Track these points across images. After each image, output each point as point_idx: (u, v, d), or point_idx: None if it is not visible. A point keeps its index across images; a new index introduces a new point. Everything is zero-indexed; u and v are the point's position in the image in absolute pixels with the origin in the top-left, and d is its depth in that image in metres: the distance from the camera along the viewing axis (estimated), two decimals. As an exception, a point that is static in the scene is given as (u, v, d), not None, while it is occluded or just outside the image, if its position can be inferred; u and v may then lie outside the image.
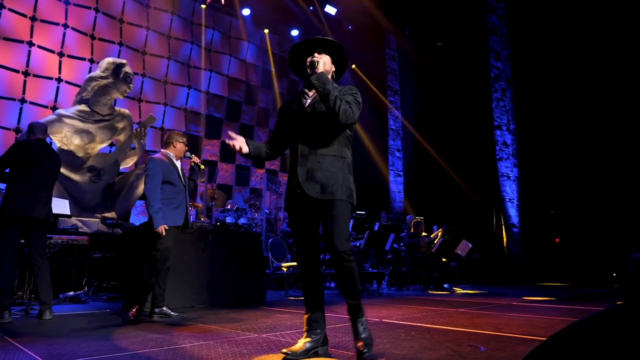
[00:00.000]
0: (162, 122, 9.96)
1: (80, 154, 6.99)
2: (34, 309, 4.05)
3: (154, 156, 3.98)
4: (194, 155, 4.21)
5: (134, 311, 3.68)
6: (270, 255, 6.53)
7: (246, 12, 11.09)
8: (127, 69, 7.13)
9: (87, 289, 5.51)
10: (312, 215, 2.34)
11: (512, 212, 10.35)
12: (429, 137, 12.12)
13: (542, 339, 2.81)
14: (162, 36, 10.12)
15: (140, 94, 9.64)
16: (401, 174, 12.78)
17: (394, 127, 12.95)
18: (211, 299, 4.84)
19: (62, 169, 4.54)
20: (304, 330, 2.38)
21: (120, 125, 7.40)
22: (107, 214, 6.83)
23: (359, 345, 2.23)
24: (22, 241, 3.83)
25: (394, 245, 7.59)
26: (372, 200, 11.09)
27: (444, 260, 7.86)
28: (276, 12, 11.41)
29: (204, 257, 4.90)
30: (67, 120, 6.81)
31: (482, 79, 11.02)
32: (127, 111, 7.67)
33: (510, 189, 10.44)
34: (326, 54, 2.48)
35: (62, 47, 8.51)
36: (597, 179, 9.10)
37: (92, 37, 8.95)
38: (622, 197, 8.66)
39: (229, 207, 8.83)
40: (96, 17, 9.04)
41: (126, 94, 7.40)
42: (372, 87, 12.76)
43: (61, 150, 6.84)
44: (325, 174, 2.31)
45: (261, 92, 11.99)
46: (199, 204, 7.88)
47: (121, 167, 7.72)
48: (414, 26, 12.21)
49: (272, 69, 12.10)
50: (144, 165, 8.03)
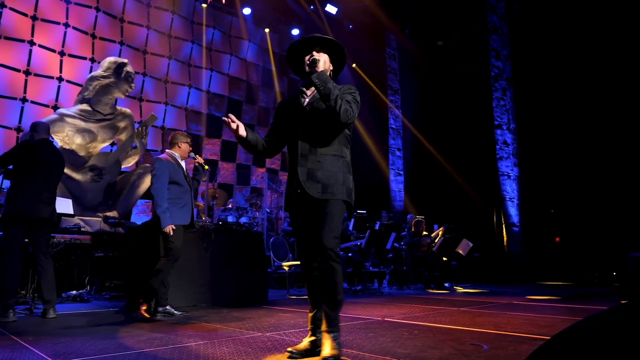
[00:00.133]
0: (163, 122, 9.97)
1: (81, 153, 7.00)
2: (37, 308, 4.07)
3: (160, 156, 4.01)
4: (198, 155, 4.23)
5: (144, 309, 3.71)
6: (271, 254, 6.54)
7: (247, 11, 11.09)
8: (129, 68, 7.14)
9: (89, 288, 5.54)
10: (313, 214, 2.33)
11: (513, 211, 10.37)
12: (430, 136, 12.14)
13: (544, 337, 2.83)
14: (162, 35, 10.12)
15: (141, 93, 9.64)
16: (401, 173, 12.79)
17: (394, 126, 12.96)
18: (214, 297, 4.87)
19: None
20: (308, 328, 2.38)
21: (121, 124, 7.41)
22: (108, 213, 6.85)
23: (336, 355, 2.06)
24: (26, 240, 3.84)
25: (395, 244, 7.61)
26: (373, 199, 11.10)
27: (444, 259, 7.88)
28: (277, 12, 11.41)
29: (206, 256, 4.92)
30: (68, 119, 6.82)
31: (483, 78, 11.02)
32: (128, 110, 7.68)
33: (510, 188, 10.46)
34: (324, 52, 2.45)
35: (63, 46, 8.50)
36: (597, 178, 9.12)
37: (93, 36, 8.95)
38: (622, 196, 8.68)
39: (230, 206, 8.85)
40: (97, 16, 9.04)
41: (128, 94, 7.40)
42: (373, 86, 12.77)
43: (63, 149, 6.85)
44: (325, 174, 2.29)
45: (262, 91, 11.99)
46: (200, 203, 7.90)
47: (122, 167, 7.73)
48: (414, 25, 12.21)
49: (273, 68, 12.11)
50: (145, 164, 8.05)
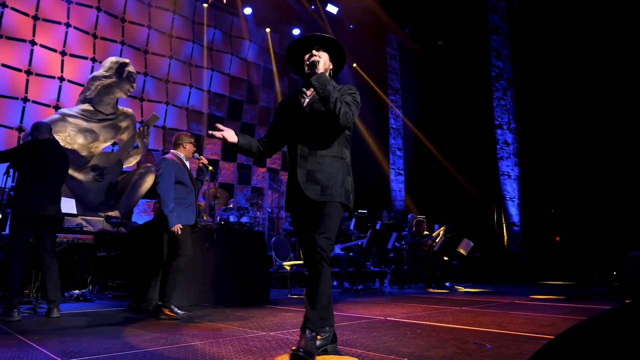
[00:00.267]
0: (164, 121, 9.98)
1: (83, 153, 7.01)
2: (41, 308, 4.09)
3: (166, 156, 4.03)
4: (202, 156, 4.25)
5: (166, 311, 3.78)
6: (273, 253, 6.56)
7: (248, 11, 11.10)
8: (131, 68, 7.15)
9: (91, 287, 5.55)
10: (312, 215, 2.32)
11: (513, 210, 10.39)
12: (430, 136, 12.15)
13: (546, 336, 2.85)
14: (164, 35, 10.13)
15: (142, 92, 9.65)
16: (402, 172, 12.81)
17: (395, 126, 12.97)
18: (216, 297, 4.88)
19: (66, 169, 4.56)
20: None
21: (123, 124, 7.42)
22: (110, 213, 6.86)
23: (299, 344, 2.04)
24: (31, 240, 3.85)
25: (396, 244, 7.63)
26: (374, 199, 11.13)
27: (445, 258, 7.90)
28: (278, 11, 11.43)
29: (208, 255, 4.93)
30: (70, 119, 6.83)
31: (483, 78, 11.04)
32: (130, 110, 7.69)
33: (511, 188, 10.48)
34: (324, 51, 2.43)
35: (64, 46, 8.51)
36: (597, 177, 9.13)
37: (94, 36, 8.96)
38: (622, 196, 8.70)
39: (232, 206, 8.86)
40: (98, 16, 9.04)
41: (129, 93, 7.42)
42: (373, 86, 12.79)
43: (65, 149, 6.86)
44: (325, 175, 2.28)
45: (262, 91, 12.01)
46: (202, 202, 7.92)
47: (124, 166, 7.75)
48: (414, 25, 12.23)
49: (274, 68, 12.12)
50: (147, 164, 8.07)
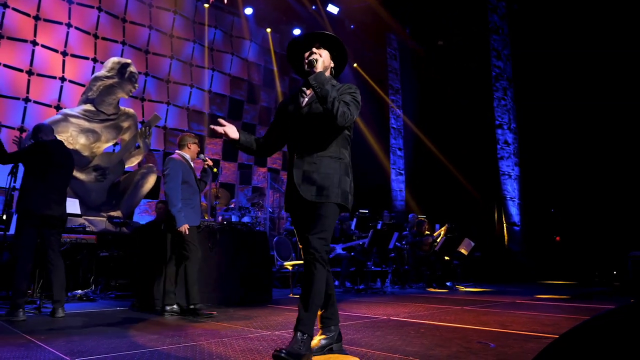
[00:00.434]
0: (165, 121, 9.99)
1: (85, 153, 7.03)
2: (45, 307, 4.10)
3: (173, 156, 4.04)
4: (207, 157, 4.26)
5: (205, 311, 3.85)
6: (275, 253, 6.58)
7: (249, 11, 11.11)
8: (132, 68, 7.17)
9: (94, 287, 5.57)
10: (309, 215, 2.29)
11: (513, 210, 10.41)
12: (431, 136, 12.17)
13: (549, 335, 2.87)
14: (164, 35, 10.14)
15: (143, 93, 9.66)
16: (403, 172, 12.83)
17: (395, 126, 12.99)
18: (219, 297, 4.89)
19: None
20: (318, 327, 2.39)
21: (125, 124, 7.44)
22: (112, 213, 6.88)
23: (283, 347, 2.06)
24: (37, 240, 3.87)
25: (397, 243, 7.64)
26: (374, 199, 11.15)
27: (446, 258, 7.92)
28: (278, 11, 11.44)
29: (211, 255, 4.94)
30: (72, 119, 6.85)
31: (484, 78, 11.05)
32: (131, 110, 7.71)
33: (511, 188, 10.51)
34: (325, 49, 2.40)
35: (65, 46, 8.51)
36: (597, 177, 9.16)
37: (95, 36, 8.96)
38: (622, 195, 8.72)
39: (233, 206, 8.87)
40: (99, 17, 9.05)
41: (131, 94, 7.44)
42: (374, 86, 12.81)
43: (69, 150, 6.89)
44: (321, 176, 2.25)
45: (263, 91, 12.02)
46: (203, 202, 7.93)
47: (126, 167, 7.76)
48: (415, 25, 12.24)
49: (274, 68, 12.14)
50: (148, 164, 8.08)
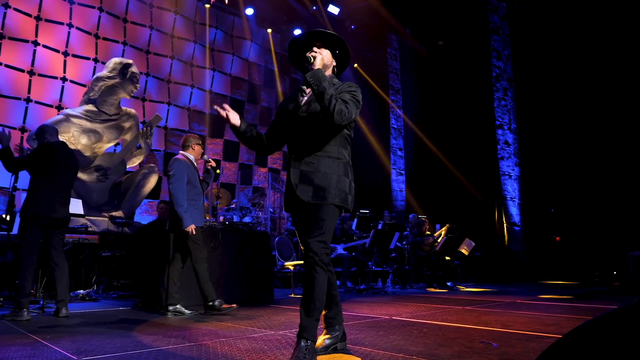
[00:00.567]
0: (166, 122, 10.00)
1: (87, 154, 7.04)
2: (49, 307, 4.12)
3: (177, 157, 4.06)
4: (211, 158, 4.28)
5: (224, 306, 3.98)
6: (276, 253, 6.59)
7: (249, 11, 11.12)
8: (134, 69, 7.19)
9: (97, 287, 5.58)
10: (307, 217, 2.26)
11: (514, 210, 10.43)
12: (431, 136, 12.20)
13: (551, 335, 2.89)
14: (165, 35, 10.16)
15: (144, 93, 9.67)
16: (403, 172, 12.85)
17: (395, 126, 13.01)
18: (222, 296, 4.90)
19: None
20: (322, 326, 2.40)
21: (126, 124, 7.45)
22: (114, 213, 6.90)
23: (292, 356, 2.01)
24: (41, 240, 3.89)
25: (398, 243, 7.66)
26: (374, 199, 11.17)
27: (447, 258, 7.93)
28: (279, 12, 11.46)
29: (214, 255, 4.95)
30: (74, 120, 6.87)
31: (484, 78, 11.07)
32: (133, 110, 7.72)
33: (511, 188, 10.53)
34: (326, 48, 2.37)
35: (66, 46, 8.53)
36: (597, 177, 9.18)
37: (97, 36, 8.98)
38: (622, 195, 8.74)
39: (234, 206, 8.89)
40: (100, 17, 9.07)
41: (132, 94, 7.45)
42: (374, 86, 12.83)
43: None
44: (319, 176, 2.21)
45: (264, 91, 12.04)
46: (205, 202, 7.95)
47: (127, 167, 7.78)
48: (415, 25, 12.27)
49: (275, 68, 12.16)
50: (150, 164, 8.09)
